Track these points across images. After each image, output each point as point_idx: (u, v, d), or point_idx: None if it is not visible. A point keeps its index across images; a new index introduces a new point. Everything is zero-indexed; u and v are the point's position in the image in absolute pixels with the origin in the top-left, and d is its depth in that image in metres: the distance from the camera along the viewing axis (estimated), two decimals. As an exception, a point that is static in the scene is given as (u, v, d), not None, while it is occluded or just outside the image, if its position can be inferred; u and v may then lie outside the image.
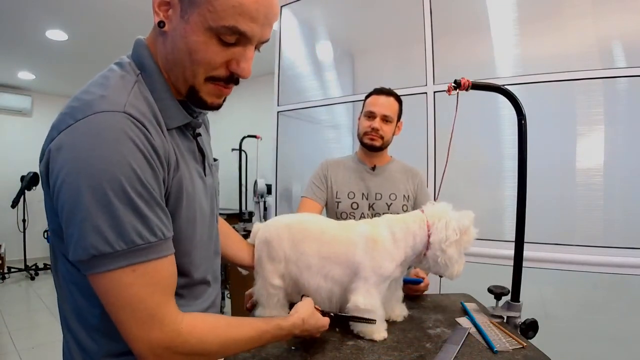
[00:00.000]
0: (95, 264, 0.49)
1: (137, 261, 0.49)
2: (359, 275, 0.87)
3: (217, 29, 0.53)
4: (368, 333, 0.85)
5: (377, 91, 1.42)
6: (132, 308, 0.50)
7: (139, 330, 0.50)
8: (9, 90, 4.80)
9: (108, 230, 0.48)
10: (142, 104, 0.55)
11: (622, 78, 1.70)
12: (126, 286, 0.49)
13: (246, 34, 0.54)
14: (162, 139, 0.56)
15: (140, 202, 0.50)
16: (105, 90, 0.53)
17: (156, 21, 0.56)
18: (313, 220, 0.96)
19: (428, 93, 2.00)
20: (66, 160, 0.48)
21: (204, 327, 0.56)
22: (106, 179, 0.47)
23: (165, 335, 0.51)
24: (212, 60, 0.56)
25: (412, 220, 0.91)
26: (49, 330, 2.98)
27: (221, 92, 0.61)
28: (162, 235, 0.52)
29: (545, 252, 1.69)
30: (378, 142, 1.38)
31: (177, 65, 0.57)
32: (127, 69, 0.58)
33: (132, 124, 0.51)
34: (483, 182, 2.03)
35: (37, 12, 2.74)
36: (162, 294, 0.52)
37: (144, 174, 0.50)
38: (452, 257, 0.87)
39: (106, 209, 0.47)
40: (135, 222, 0.49)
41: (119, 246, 0.48)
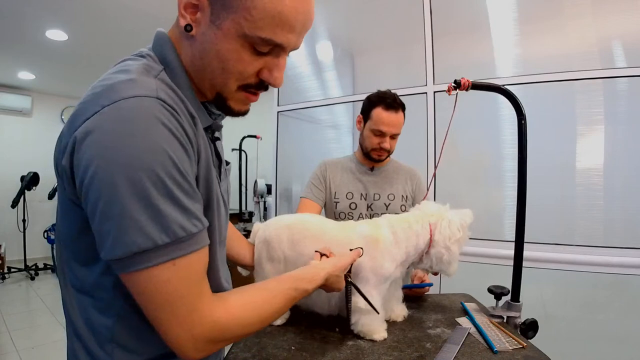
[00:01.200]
0: (135, 262, 0.45)
1: (178, 254, 0.47)
2: (359, 277, 0.87)
3: (252, 38, 0.50)
4: (368, 333, 0.85)
5: (387, 105, 1.30)
6: (172, 305, 0.47)
7: (180, 328, 0.48)
8: (8, 90, 4.80)
9: (149, 224, 0.44)
10: (171, 92, 0.51)
11: (622, 78, 1.70)
12: (166, 282, 0.46)
13: (282, 45, 0.52)
14: (193, 130, 0.53)
15: (179, 192, 0.47)
16: (131, 75, 0.49)
17: (182, 24, 0.52)
18: (313, 220, 0.96)
19: (428, 93, 2.00)
20: (96, 151, 0.44)
21: (242, 310, 0.54)
22: (143, 169, 0.44)
23: (207, 328, 0.50)
24: (244, 69, 0.53)
25: (414, 219, 0.91)
26: (49, 330, 2.98)
27: (250, 99, 0.58)
28: (201, 225, 0.50)
29: (545, 252, 1.70)
30: (384, 156, 1.38)
31: (205, 71, 0.54)
32: (149, 59, 0.55)
33: (165, 109, 0.47)
34: (483, 182, 2.03)
35: (37, 12, 2.74)
36: (199, 286, 0.50)
37: (181, 161, 0.47)
38: (455, 254, 0.89)
39: (146, 202, 0.44)
40: (176, 213, 0.46)
41: (161, 240, 0.45)
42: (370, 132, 1.34)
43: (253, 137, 3.86)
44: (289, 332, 0.87)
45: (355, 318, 0.85)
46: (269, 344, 0.81)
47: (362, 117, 1.38)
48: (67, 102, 5.38)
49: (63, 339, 2.96)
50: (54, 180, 2.39)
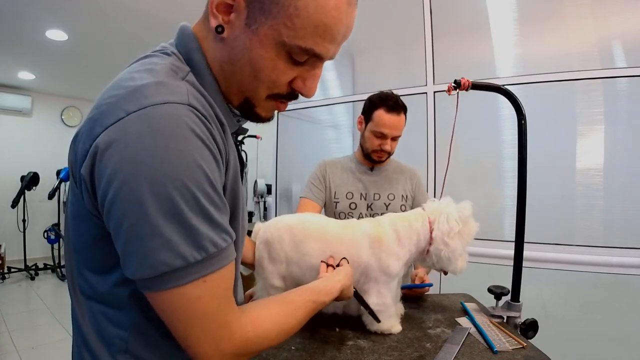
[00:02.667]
0: (165, 281, 0.42)
1: (210, 271, 0.44)
2: (369, 277, 0.87)
3: (291, 47, 0.47)
4: (386, 330, 0.87)
5: (389, 107, 1.29)
6: (201, 322, 0.45)
7: (209, 344, 0.46)
8: (8, 90, 4.80)
9: (181, 242, 0.42)
10: (199, 96, 0.48)
11: (622, 78, 1.70)
12: (196, 300, 0.44)
13: (321, 56, 0.49)
14: (222, 138, 0.50)
15: (211, 207, 0.44)
16: (159, 76, 0.45)
17: (213, 25, 0.48)
18: (315, 220, 0.96)
19: (428, 93, 2.00)
20: (121, 164, 0.40)
21: (268, 324, 0.54)
22: (174, 185, 0.41)
23: (235, 344, 0.49)
24: (278, 78, 0.50)
25: (414, 218, 0.91)
26: (49, 330, 2.98)
27: (278, 108, 0.56)
28: (230, 239, 0.48)
29: (545, 252, 1.70)
30: (385, 157, 1.38)
31: (235, 76, 0.51)
32: (174, 59, 0.51)
33: (198, 118, 0.44)
34: (483, 182, 2.03)
35: (37, 12, 2.74)
36: (228, 301, 0.49)
37: (213, 174, 0.45)
38: (455, 250, 0.87)
39: (177, 219, 0.41)
40: (207, 229, 0.44)
41: (193, 258, 0.43)
42: (371, 133, 1.34)
43: (253, 137, 3.86)
44: (289, 332, 0.87)
45: (369, 319, 0.87)
46: (269, 344, 0.81)
47: (364, 118, 1.38)
48: (67, 102, 5.38)
49: (63, 339, 2.96)
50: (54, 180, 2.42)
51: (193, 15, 0.62)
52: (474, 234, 0.90)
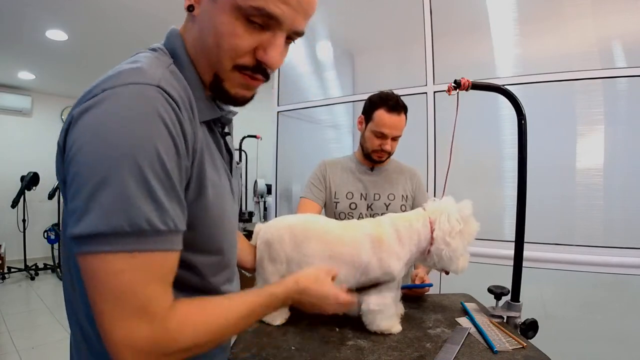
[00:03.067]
0: (92, 242, 0.43)
1: (138, 248, 0.44)
2: (370, 276, 0.87)
3: (246, 9, 0.49)
4: (386, 329, 0.87)
5: (389, 107, 1.29)
6: (118, 300, 0.43)
7: (122, 329, 0.44)
8: (8, 90, 4.80)
9: (115, 210, 0.42)
10: (177, 84, 0.51)
11: (622, 78, 1.70)
12: (118, 273, 0.43)
13: (276, 17, 0.50)
14: (192, 126, 0.52)
15: (158, 187, 0.45)
16: (139, 64, 0.49)
17: (186, 5, 0.53)
18: (315, 220, 0.96)
19: (428, 93, 2.00)
20: (88, 128, 0.44)
21: (196, 324, 0.50)
22: (125, 155, 0.42)
23: (152, 337, 0.45)
24: (238, 45, 0.51)
25: (415, 218, 0.91)
26: (49, 330, 2.98)
27: (247, 82, 0.56)
28: (174, 226, 0.47)
29: (545, 252, 1.70)
30: (385, 158, 1.38)
31: (204, 51, 0.54)
32: (160, 53, 0.55)
33: (166, 101, 0.46)
34: (483, 182, 2.03)
35: (37, 12, 2.74)
36: (158, 289, 0.46)
37: (169, 159, 0.46)
38: (456, 250, 0.87)
39: (117, 186, 0.42)
40: (146, 206, 0.44)
41: (121, 228, 0.42)
42: (372, 133, 1.34)
43: (253, 137, 3.86)
44: (289, 332, 0.87)
45: (369, 319, 0.87)
46: (269, 344, 0.81)
47: (364, 117, 1.38)
48: (67, 102, 5.38)
49: (63, 339, 2.96)
50: (54, 180, 2.41)
51: None
52: (475, 233, 0.89)
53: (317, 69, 2.69)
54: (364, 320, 0.89)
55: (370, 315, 0.87)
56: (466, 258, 0.90)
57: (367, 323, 0.88)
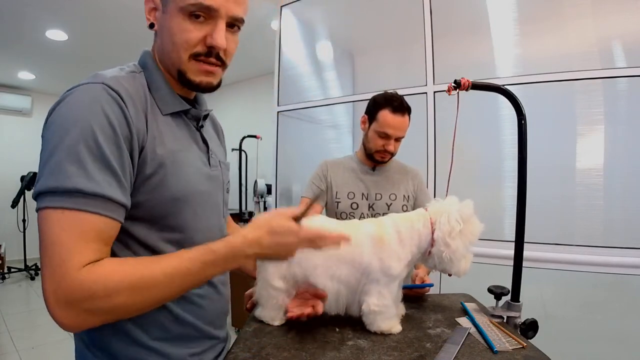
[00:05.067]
0: (38, 200, 0.53)
1: (66, 206, 0.52)
2: (370, 278, 0.87)
3: (186, 7, 0.61)
4: (386, 329, 0.86)
5: (394, 108, 1.30)
6: (50, 250, 0.51)
7: (50, 280, 0.50)
8: (8, 90, 4.80)
9: (50, 173, 0.53)
10: (131, 85, 0.62)
11: (622, 78, 1.70)
12: (51, 225, 0.52)
13: (212, 7, 0.61)
14: (141, 117, 0.61)
15: (87, 157, 0.53)
16: (100, 72, 0.62)
17: (148, 24, 0.66)
18: (316, 220, 0.96)
19: (428, 93, 2.00)
20: (52, 115, 0.57)
21: (118, 277, 0.52)
22: (66, 132, 0.54)
23: (74, 288, 0.50)
24: (189, 38, 0.63)
25: (416, 218, 0.90)
26: (49, 330, 2.98)
27: (205, 69, 0.66)
28: (101, 192, 0.54)
29: (545, 252, 1.70)
30: (388, 158, 1.38)
31: (164, 54, 0.67)
32: (129, 66, 0.68)
33: (107, 93, 0.57)
34: (483, 182, 2.03)
35: (37, 12, 2.74)
36: (82, 246, 0.52)
37: (103, 136, 0.55)
38: (457, 251, 0.85)
39: (57, 157, 0.53)
40: (76, 172, 0.52)
41: (54, 188, 0.52)
42: (375, 133, 1.34)
43: (253, 137, 3.86)
44: (289, 332, 0.87)
45: (369, 319, 0.87)
46: (269, 344, 0.81)
47: (367, 117, 1.38)
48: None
49: (63, 339, 2.97)
50: (54, 180, 2.29)
51: None
52: (477, 233, 0.87)
53: (317, 69, 2.69)
54: (365, 320, 0.88)
55: (370, 316, 0.87)
56: (468, 260, 0.88)
57: (368, 323, 0.88)
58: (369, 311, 0.86)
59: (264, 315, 0.91)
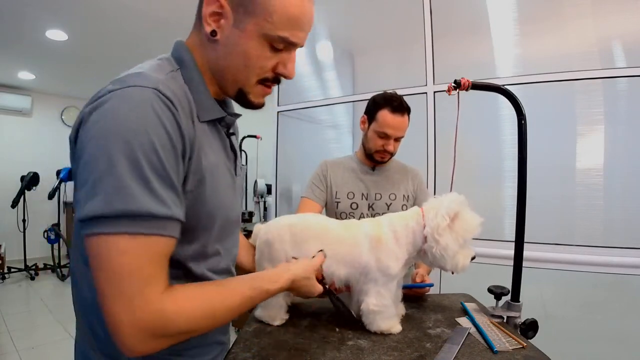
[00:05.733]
0: (95, 225, 0.47)
1: (137, 231, 0.48)
2: (368, 277, 0.87)
3: (272, 37, 0.58)
4: (386, 330, 0.86)
5: (393, 108, 1.30)
6: (120, 281, 0.47)
7: (124, 310, 0.47)
8: (8, 90, 4.80)
9: (115, 194, 0.47)
10: (176, 88, 0.57)
11: (622, 78, 1.70)
12: (119, 254, 0.47)
13: (295, 42, 0.61)
14: (190, 124, 0.57)
15: (152, 175, 0.49)
16: (141, 69, 0.56)
17: (208, 30, 0.59)
18: (315, 219, 0.96)
19: (428, 93, 2.00)
20: (94, 125, 0.50)
21: (192, 305, 0.53)
22: (125, 146, 0.48)
23: (152, 317, 0.48)
24: (264, 64, 0.61)
25: (410, 216, 0.90)
26: (49, 330, 2.98)
27: (266, 92, 0.66)
28: (170, 213, 0.51)
29: (545, 252, 1.69)
30: (387, 158, 1.38)
31: (229, 69, 0.62)
32: (165, 61, 0.62)
33: (161, 101, 0.52)
34: (483, 182, 2.03)
35: (37, 12, 2.74)
36: (155, 271, 0.50)
37: (164, 151, 0.51)
38: (447, 247, 0.83)
39: (118, 176, 0.47)
40: (143, 193, 0.48)
41: (122, 212, 0.47)
42: (375, 133, 1.34)
43: (253, 137, 3.86)
44: (289, 332, 0.87)
45: (369, 319, 0.87)
46: (269, 344, 0.81)
47: (367, 117, 1.38)
48: (67, 102, 5.38)
49: (63, 339, 2.96)
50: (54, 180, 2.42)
51: (193, 15, 0.64)
52: (472, 229, 0.84)
53: (317, 69, 2.69)
54: (364, 320, 0.88)
55: (370, 316, 0.87)
56: (466, 256, 0.86)
57: (367, 323, 0.88)
58: (368, 311, 0.86)
59: (264, 315, 0.91)
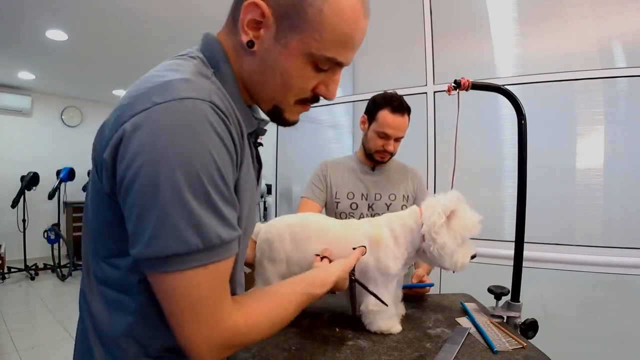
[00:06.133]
0: (168, 263, 0.45)
1: (211, 261, 0.47)
2: (367, 277, 0.87)
3: (318, 57, 0.52)
4: (386, 329, 0.86)
5: (393, 108, 1.30)
6: (196, 309, 0.47)
7: (201, 332, 0.48)
8: (8, 90, 4.80)
9: (187, 230, 0.44)
10: (223, 97, 0.52)
11: (622, 78, 1.70)
12: (194, 286, 0.47)
13: (342, 63, 0.55)
14: (239, 137, 0.53)
15: (219, 199, 0.47)
16: (185, 74, 0.49)
17: (244, 40, 0.52)
18: (315, 219, 0.96)
19: (428, 93, 2.00)
20: (143, 147, 0.43)
21: (259, 317, 0.55)
22: (188, 175, 0.44)
23: (226, 334, 0.50)
24: (305, 85, 0.56)
25: (408, 215, 0.90)
26: (49, 330, 2.98)
27: (303, 110, 0.61)
28: (235, 234, 0.50)
29: (545, 252, 1.70)
30: (387, 158, 1.38)
31: (264, 86, 0.56)
32: (200, 62, 0.55)
33: (218, 116, 0.47)
34: (483, 182, 2.03)
35: (37, 12, 2.74)
36: (223, 291, 0.50)
37: (225, 168, 0.47)
38: (444, 245, 0.82)
39: (186, 207, 0.44)
40: (214, 220, 0.46)
41: (196, 247, 0.45)
42: (375, 133, 1.34)
43: (253, 137, 3.86)
44: (289, 332, 0.87)
45: (369, 319, 0.87)
46: (269, 344, 0.81)
47: (367, 117, 1.38)
48: (67, 102, 5.38)
49: (63, 339, 2.96)
50: (54, 180, 2.43)
51: (193, 15, 0.63)
52: (470, 227, 0.83)
53: (317, 69, 2.68)
54: (364, 320, 0.88)
55: (370, 316, 0.87)
56: (465, 254, 0.85)
57: (367, 323, 0.88)
58: (367, 311, 0.86)
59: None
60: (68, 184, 4.80)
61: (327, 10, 0.49)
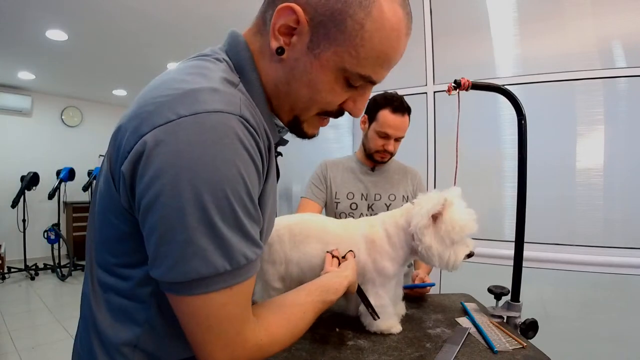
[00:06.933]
0: (192, 287, 0.43)
1: (237, 281, 0.45)
2: (366, 278, 0.87)
3: (352, 74, 0.49)
4: (386, 330, 0.86)
5: (394, 108, 1.30)
6: (220, 328, 0.46)
7: (223, 351, 0.46)
8: (9, 90, 4.80)
9: (214, 252, 0.42)
10: (251, 107, 0.48)
11: (622, 78, 1.70)
12: (220, 307, 0.45)
13: (375, 82, 0.52)
14: (266, 150, 0.50)
15: (246, 220, 0.45)
16: (213, 83, 0.45)
17: (274, 46, 0.48)
18: (314, 219, 0.96)
19: (428, 93, 2.00)
20: (167, 166, 0.40)
21: (280, 331, 0.54)
22: (215, 196, 0.41)
23: (249, 351, 0.49)
24: (333, 101, 0.52)
25: (400, 214, 0.89)
26: (49, 330, 2.98)
27: (322, 124, 0.58)
28: (260, 252, 0.48)
29: (545, 252, 1.70)
30: (387, 158, 1.39)
31: (289, 95, 0.52)
32: (226, 66, 0.51)
33: (247, 130, 0.44)
34: (483, 182, 2.03)
35: (37, 12, 2.74)
36: (247, 310, 0.49)
37: (253, 187, 0.45)
38: (430, 247, 0.80)
39: (213, 230, 0.42)
40: (240, 241, 0.44)
41: (224, 269, 0.43)
42: (375, 133, 1.34)
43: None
44: (289, 332, 0.87)
45: (368, 320, 0.87)
46: (269, 344, 0.81)
47: (367, 117, 1.38)
48: (67, 102, 5.38)
49: (63, 339, 2.96)
50: (54, 180, 2.43)
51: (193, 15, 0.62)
52: (458, 229, 0.79)
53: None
54: (363, 321, 0.88)
55: (369, 317, 0.87)
56: (457, 253, 0.81)
57: (366, 324, 0.88)
58: (367, 312, 0.86)
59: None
60: (68, 184, 4.80)
61: (368, 26, 0.46)
